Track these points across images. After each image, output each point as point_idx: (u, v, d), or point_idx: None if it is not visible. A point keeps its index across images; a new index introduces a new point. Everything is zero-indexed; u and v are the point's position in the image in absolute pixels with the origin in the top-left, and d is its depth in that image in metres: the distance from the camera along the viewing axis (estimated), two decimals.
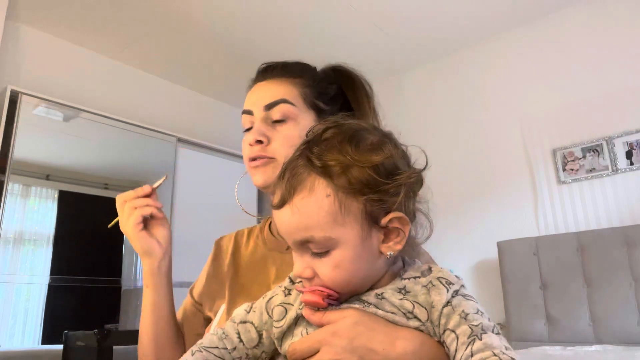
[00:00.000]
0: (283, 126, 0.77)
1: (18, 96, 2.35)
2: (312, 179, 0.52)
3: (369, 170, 0.52)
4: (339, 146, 0.53)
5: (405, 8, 2.60)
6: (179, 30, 2.72)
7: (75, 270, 2.55)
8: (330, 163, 0.52)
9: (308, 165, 0.53)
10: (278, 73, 0.80)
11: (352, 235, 0.52)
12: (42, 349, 2.31)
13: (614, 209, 2.36)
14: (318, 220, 0.51)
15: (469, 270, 2.74)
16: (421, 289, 0.54)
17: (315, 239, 0.52)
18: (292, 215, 0.52)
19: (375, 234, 0.53)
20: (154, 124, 2.92)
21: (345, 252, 0.52)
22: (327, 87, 0.83)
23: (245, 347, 0.59)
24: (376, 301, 0.54)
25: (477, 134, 2.90)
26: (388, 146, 0.55)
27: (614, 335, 2.05)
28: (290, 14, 2.60)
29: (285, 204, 0.53)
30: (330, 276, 0.53)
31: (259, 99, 0.79)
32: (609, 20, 2.53)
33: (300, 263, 0.54)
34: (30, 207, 2.50)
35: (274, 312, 0.59)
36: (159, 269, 0.78)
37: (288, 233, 0.54)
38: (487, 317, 0.51)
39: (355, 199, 0.51)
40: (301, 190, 0.52)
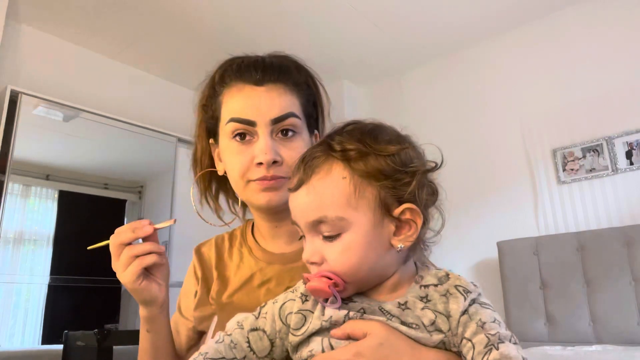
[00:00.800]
0: (291, 142, 0.73)
1: (18, 96, 2.35)
2: (330, 162, 0.54)
3: (385, 158, 0.53)
4: (359, 136, 0.55)
5: (405, 8, 2.60)
6: (179, 30, 2.72)
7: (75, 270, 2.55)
8: (349, 148, 0.54)
9: (328, 150, 0.55)
10: (274, 78, 0.74)
11: (364, 220, 0.53)
12: (42, 349, 2.31)
13: (614, 209, 2.36)
14: (332, 200, 0.53)
15: (469, 270, 2.74)
16: (439, 297, 0.53)
17: (328, 219, 0.52)
18: (307, 195, 0.54)
19: (387, 225, 0.54)
20: (154, 124, 2.92)
21: (355, 236, 0.53)
22: (311, 92, 0.81)
23: (257, 357, 0.56)
24: (399, 312, 0.53)
25: (477, 134, 2.90)
26: (405, 142, 0.57)
27: (614, 335, 2.05)
28: (290, 14, 2.60)
29: (302, 185, 0.55)
30: (338, 260, 0.53)
31: (264, 109, 0.72)
32: (609, 20, 2.53)
33: (310, 247, 0.55)
34: (30, 207, 2.50)
35: (289, 319, 0.56)
36: (161, 314, 0.73)
37: (302, 213, 0.55)
38: (504, 326, 0.51)
39: (370, 184, 0.53)
40: (319, 172, 0.54)
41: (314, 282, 0.53)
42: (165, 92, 3.24)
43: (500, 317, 0.52)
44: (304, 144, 0.74)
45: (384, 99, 3.36)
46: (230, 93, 0.75)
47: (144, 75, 3.15)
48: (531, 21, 2.77)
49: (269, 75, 0.74)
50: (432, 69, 3.21)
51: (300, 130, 0.74)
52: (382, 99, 3.36)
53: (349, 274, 0.53)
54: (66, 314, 2.50)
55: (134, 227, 0.68)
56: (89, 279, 2.58)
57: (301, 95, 0.77)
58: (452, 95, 3.08)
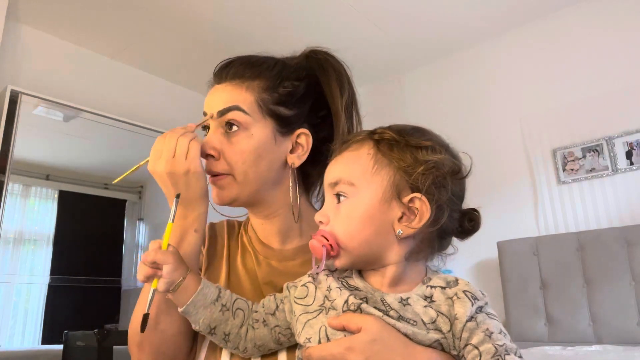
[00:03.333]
0: (235, 137, 0.72)
1: (18, 96, 2.35)
2: (364, 141, 0.60)
3: (412, 149, 0.57)
4: (400, 129, 0.60)
5: (406, 8, 2.60)
6: (179, 30, 2.72)
7: (75, 270, 2.56)
8: (386, 136, 0.59)
9: (369, 133, 0.61)
10: (235, 74, 0.74)
11: (372, 193, 0.56)
12: (42, 349, 2.31)
13: (614, 209, 2.36)
14: (352, 168, 0.58)
15: (469, 270, 2.74)
16: (445, 300, 0.54)
17: (342, 180, 0.58)
18: (336, 162, 0.61)
19: (394, 207, 0.56)
20: (153, 124, 2.92)
21: (360, 204, 0.56)
22: (294, 87, 0.76)
23: (264, 311, 0.63)
24: (399, 307, 0.54)
25: (477, 133, 2.90)
26: (443, 148, 0.61)
27: (614, 335, 2.05)
28: (290, 13, 2.60)
29: (337, 156, 0.61)
30: (339, 222, 0.57)
31: (214, 103, 0.74)
32: (609, 20, 2.53)
33: (324, 208, 0.60)
34: (30, 207, 2.50)
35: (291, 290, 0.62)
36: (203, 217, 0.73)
37: (327, 177, 0.61)
38: (509, 339, 0.51)
39: (389, 165, 0.57)
40: (351, 146, 0.61)
41: (314, 241, 0.57)
42: (165, 92, 3.24)
43: (506, 330, 0.53)
44: (249, 140, 0.71)
45: (385, 98, 3.36)
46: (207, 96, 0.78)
47: (144, 75, 3.15)
48: (531, 21, 2.77)
49: (227, 73, 0.75)
50: (432, 68, 3.21)
51: (245, 125, 0.71)
52: (383, 99, 3.36)
53: (344, 240, 0.56)
54: (66, 314, 2.50)
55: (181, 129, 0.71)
56: (89, 279, 2.58)
57: (267, 91, 0.73)
58: (452, 95, 3.08)
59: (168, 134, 0.70)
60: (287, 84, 0.75)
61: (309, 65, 0.82)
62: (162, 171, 0.68)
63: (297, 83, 0.77)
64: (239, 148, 0.71)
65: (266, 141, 0.73)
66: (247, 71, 0.74)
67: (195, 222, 0.72)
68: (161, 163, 0.68)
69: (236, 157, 0.71)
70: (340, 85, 0.79)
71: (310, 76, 0.80)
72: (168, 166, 0.68)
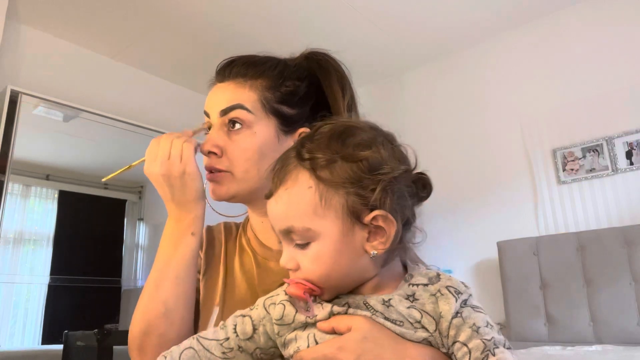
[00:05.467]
0: (239, 135, 0.72)
1: (18, 96, 2.35)
2: (297, 171, 0.54)
3: (352, 164, 0.52)
4: (327, 141, 0.54)
5: (405, 8, 2.60)
6: (179, 30, 2.72)
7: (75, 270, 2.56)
8: (317, 157, 0.53)
9: (297, 158, 0.55)
10: (238, 73, 0.75)
11: (332, 229, 0.52)
12: (42, 349, 2.31)
13: (614, 209, 2.36)
14: (298, 210, 0.53)
15: (469, 270, 2.74)
16: (429, 297, 0.53)
17: (295, 229, 0.53)
18: (276, 204, 0.55)
19: (359, 231, 0.53)
20: (154, 124, 2.92)
21: (324, 245, 0.53)
22: (296, 87, 0.76)
23: (237, 338, 0.58)
24: (383, 308, 0.53)
25: (477, 134, 2.90)
26: (378, 145, 0.55)
27: (614, 335, 2.05)
28: (290, 13, 2.60)
29: (273, 194, 0.56)
30: (310, 268, 0.53)
31: (217, 101, 0.74)
32: (609, 20, 2.53)
33: (286, 254, 0.55)
34: (30, 207, 2.50)
35: (271, 309, 0.58)
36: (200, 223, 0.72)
37: (274, 222, 0.56)
38: (496, 330, 0.51)
39: (336, 192, 0.52)
40: (286, 181, 0.54)
41: (291, 288, 0.54)
42: (165, 92, 3.24)
43: (492, 320, 0.52)
44: (252, 138, 0.72)
45: (384, 99, 3.36)
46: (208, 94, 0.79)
47: (144, 75, 3.15)
48: (531, 21, 2.77)
49: (230, 71, 0.75)
50: (432, 69, 3.21)
51: (249, 124, 0.72)
52: (382, 99, 3.36)
53: (322, 281, 0.54)
54: (66, 314, 2.50)
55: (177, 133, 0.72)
56: (89, 279, 2.58)
57: (269, 89, 0.74)
58: (452, 95, 3.08)
59: (163, 136, 0.70)
60: (289, 83, 0.76)
61: (309, 66, 0.82)
62: (158, 173, 0.69)
63: (299, 83, 0.77)
64: (243, 146, 0.72)
65: (269, 139, 0.73)
66: (249, 70, 0.75)
67: (192, 225, 0.72)
68: (156, 165, 0.69)
69: (239, 155, 0.72)
70: (342, 86, 0.80)
71: (311, 76, 0.80)
72: (163, 168, 0.69)
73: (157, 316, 0.67)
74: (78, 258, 2.62)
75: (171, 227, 0.72)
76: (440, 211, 2.89)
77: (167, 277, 0.69)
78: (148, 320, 0.68)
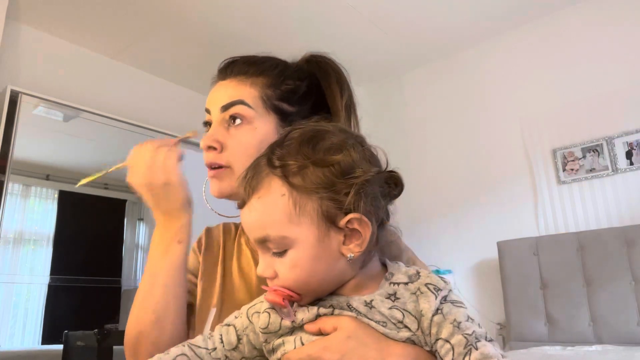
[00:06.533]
0: (239, 130, 0.72)
1: (18, 96, 2.35)
2: (269, 179, 0.54)
3: (324, 169, 0.52)
4: (298, 147, 0.54)
5: (405, 9, 2.60)
6: (179, 30, 2.72)
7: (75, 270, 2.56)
8: (289, 163, 0.53)
9: (268, 165, 0.54)
10: (239, 71, 0.76)
11: (308, 236, 0.52)
12: (42, 349, 2.31)
13: (614, 209, 2.36)
14: (273, 219, 0.53)
15: (469, 270, 2.74)
16: (410, 296, 0.54)
17: (271, 238, 0.53)
18: (250, 213, 0.55)
19: (334, 236, 0.53)
20: (154, 124, 2.92)
21: (301, 252, 0.52)
22: (296, 86, 0.77)
23: (224, 349, 0.58)
24: (366, 310, 0.54)
25: (477, 134, 2.91)
26: (349, 147, 0.55)
27: (614, 335, 2.05)
28: (289, 13, 2.60)
29: (246, 202, 0.55)
30: (287, 276, 0.53)
31: (217, 98, 0.75)
32: (609, 20, 2.53)
33: (263, 262, 0.55)
34: (30, 207, 2.50)
35: (254, 318, 0.58)
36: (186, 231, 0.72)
37: (249, 231, 0.55)
38: (477, 324, 0.51)
39: (309, 198, 0.52)
40: (259, 189, 0.54)
41: (270, 296, 0.54)
42: (165, 92, 3.24)
43: (471, 314, 0.52)
44: (252, 134, 0.72)
45: (384, 99, 3.36)
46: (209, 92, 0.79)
47: (144, 75, 3.15)
48: (531, 21, 2.77)
49: (231, 69, 0.76)
50: (432, 69, 3.21)
51: (249, 119, 0.72)
52: (382, 99, 3.36)
53: (300, 288, 0.54)
54: (66, 314, 2.50)
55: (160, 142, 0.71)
56: (89, 279, 2.58)
57: (270, 87, 0.75)
58: (452, 95, 3.08)
59: (145, 143, 0.70)
60: (289, 82, 0.77)
61: (309, 67, 0.82)
62: (141, 183, 0.69)
63: (299, 82, 0.78)
64: (243, 141, 0.72)
65: (270, 135, 0.73)
66: (250, 68, 0.76)
67: (179, 233, 0.71)
68: (139, 174, 0.69)
69: (240, 149, 0.72)
70: (341, 86, 0.80)
71: (311, 77, 0.81)
72: (146, 178, 0.69)
73: (148, 324, 0.68)
74: (78, 258, 2.62)
75: (159, 235, 0.72)
76: (440, 211, 2.89)
77: (156, 286, 0.70)
78: (140, 329, 0.68)
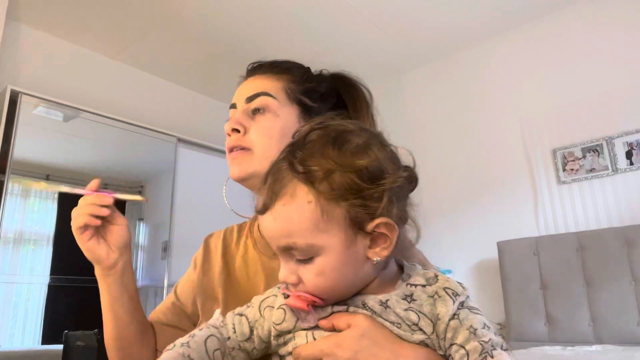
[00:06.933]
0: (261, 117, 0.76)
1: (18, 96, 2.35)
2: (294, 185, 0.51)
3: (352, 175, 0.50)
4: (321, 150, 0.52)
5: (406, 9, 2.60)
6: (179, 30, 2.72)
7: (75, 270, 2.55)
8: (313, 168, 0.51)
9: (290, 170, 0.52)
10: (266, 70, 0.80)
11: (335, 242, 0.51)
12: (42, 349, 2.31)
13: (614, 209, 2.36)
14: (300, 227, 0.51)
15: (469, 270, 2.74)
16: (427, 298, 0.53)
17: (297, 246, 0.51)
18: (274, 221, 0.52)
19: (361, 240, 0.52)
20: (154, 124, 2.92)
21: (328, 259, 0.51)
22: (318, 85, 0.81)
23: (238, 339, 0.58)
24: (380, 309, 0.53)
25: (477, 134, 2.90)
26: (374, 149, 0.53)
27: (614, 335, 2.05)
28: (290, 14, 2.60)
29: (268, 209, 0.53)
30: (313, 283, 0.52)
31: (243, 92, 0.79)
32: (609, 20, 2.53)
33: (286, 269, 0.54)
34: (30, 207, 2.50)
35: (266, 312, 0.58)
36: (110, 274, 0.76)
37: (271, 239, 0.54)
38: (493, 332, 0.50)
39: (337, 204, 0.50)
40: (283, 196, 0.51)
41: (292, 301, 0.53)
42: (165, 92, 3.24)
43: (489, 322, 0.52)
44: (275, 120, 0.75)
45: (384, 99, 3.36)
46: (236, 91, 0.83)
47: (144, 75, 3.15)
48: (531, 21, 2.77)
49: (257, 69, 0.81)
50: (432, 69, 3.21)
51: (273, 108, 0.76)
52: (382, 99, 3.35)
53: (326, 293, 0.53)
54: (66, 314, 2.50)
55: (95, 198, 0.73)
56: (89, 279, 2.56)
57: (294, 82, 0.79)
58: (452, 95, 3.08)
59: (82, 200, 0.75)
60: (312, 81, 0.81)
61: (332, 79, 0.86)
62: None
63: (319, 84, 0.82)
64: (266, 125, 0.75)
65: (292, 124, 0.76)
66: (276, 68, 0.80)
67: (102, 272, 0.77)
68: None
69: (262, 132, 0.75)
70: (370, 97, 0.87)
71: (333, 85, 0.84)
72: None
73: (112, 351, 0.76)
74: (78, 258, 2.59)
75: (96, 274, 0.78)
76: (440, 211, 2.89)
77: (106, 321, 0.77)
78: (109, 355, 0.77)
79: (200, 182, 3.05)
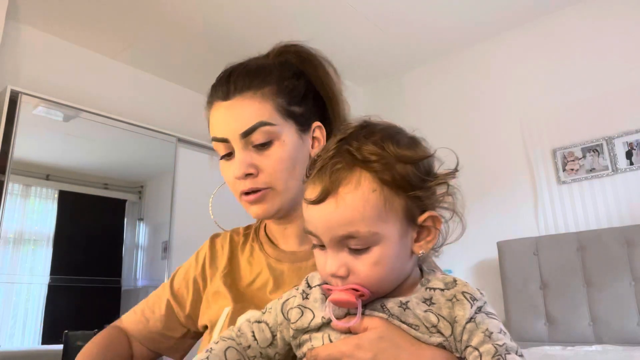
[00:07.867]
0: (270, 150, 0.70)
1: (18, 96, 2.35)
2: (358, 173, 0.51)
3: (411, 167, 0.53)
4: (380, 142, 0.53)
5: (405, 8, 2.60)
6: (179, 30, 2.72)
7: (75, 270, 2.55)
8: (373, 158, 0.52)
9: (351, 158, 0.52)
10: (242, 86, 0.71)
11: (393, 232, 0.52)
12: (42, 349, 2.31)
13: (614, 209, 2.36)
14: (364, 214, 0.51)
15: (469, 270, 2.74)
16: (445, 302, 0.53)
17: (360, 234, 0.51)
18: (336, 208, 0.51)
19: (410, 233, 0.54)
20: (154, 124, 2.92)
21: (385, 248, 0.52)
22: (294, 85, 0.75)
23: (259, 346, 0.58)
24: (399, 311, 0.53)
25: (477, 134, 2.90)
26: (422, 145, 0.57)
27: (614, 335, 2.05)
28: (289, 14, 2.60)
29: (329, 196, 0.51)
30: (368, 273, 0.52)
31: (232, 125, 0.70)
32: (609, 20, 2.53)
33: (335, 261, 0.52)
34: (30, 207, 2.50)
35: (290, 314, 0.58)
36: None
37: (329, 228, 0.52)
38: (509, 337, 0.51)
39: (397, 195, 0.52)
40: (347, 183, 0.51)
41: (341, 295, 0.52)
42: (165, 92, 3.24)
43: (506, 329, 0.52)
44: (284, 148, 0.71)
45: (384, 99, 3.36)
46: (210, 112, 0.75)
47: (144, 75, 3.15)
48: (531, 21, 2.77)
49: (233, 87, 0.72)
50: (432, 69, 3.21)
51: (276, 135, 0.70)
52: (382, 99, 3.36)
53: (377, 285, 0.53)
54: (66, 314, 2.50)
55: None
56: (89, 279, 2.58)
57: (278, 95, 0.72)
58: (452, 95, 3.08)
59: None
60: (287, 83, 0.75)
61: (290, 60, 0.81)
62: None
63: (295, 81, 0.76)
64: (278, 157, 0.70)
65: (296, 143, 0.73)
66: (252, 80, 0.72)
67: None
68: None
69: (277, 167, 0.70)
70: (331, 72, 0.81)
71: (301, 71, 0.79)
72: None
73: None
74: (78, 258, 2.62)
75: None
76: None
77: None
78: None
79: (200, 182, 3.05)
